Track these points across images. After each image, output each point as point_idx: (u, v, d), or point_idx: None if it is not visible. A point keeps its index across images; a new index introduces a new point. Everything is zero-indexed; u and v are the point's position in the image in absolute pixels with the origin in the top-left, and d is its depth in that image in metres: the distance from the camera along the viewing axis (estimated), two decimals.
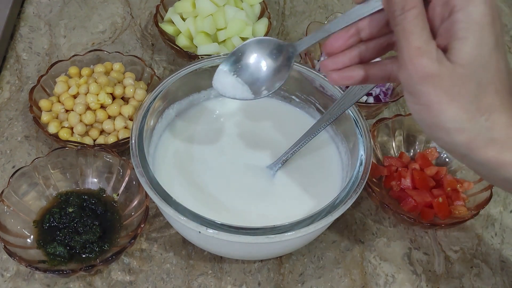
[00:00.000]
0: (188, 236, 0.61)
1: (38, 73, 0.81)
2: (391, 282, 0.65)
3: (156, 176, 0.56)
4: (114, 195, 0.67)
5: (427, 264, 0.67)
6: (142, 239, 0.66)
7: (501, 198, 0.74)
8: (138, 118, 0.61)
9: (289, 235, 0.53)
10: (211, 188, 0.62)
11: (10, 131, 0.75)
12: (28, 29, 0.88)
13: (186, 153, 0.65)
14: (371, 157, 0.60)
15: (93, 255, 0.62)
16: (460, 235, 0.70)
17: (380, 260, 0.67)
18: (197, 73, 0.66)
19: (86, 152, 0.67)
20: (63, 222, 0.63)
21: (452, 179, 0.70)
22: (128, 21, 0.91)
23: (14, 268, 0.63)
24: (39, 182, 0.66)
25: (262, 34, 0.83)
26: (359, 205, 0.71)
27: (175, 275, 0.64)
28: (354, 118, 0.62)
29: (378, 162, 0.72)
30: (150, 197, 0.56)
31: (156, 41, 0.88)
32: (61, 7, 0.92)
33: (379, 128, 0.73)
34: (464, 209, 0.67)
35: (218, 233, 0.53)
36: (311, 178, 0.64)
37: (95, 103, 0.72)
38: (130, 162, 0.59)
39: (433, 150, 0.73)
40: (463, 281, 0.66)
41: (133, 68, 0.79)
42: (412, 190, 0.68)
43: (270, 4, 0.95)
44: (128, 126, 0.72)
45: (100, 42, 0.87)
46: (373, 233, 0.69)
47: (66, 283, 0.62)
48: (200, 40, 0.80)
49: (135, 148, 0.58)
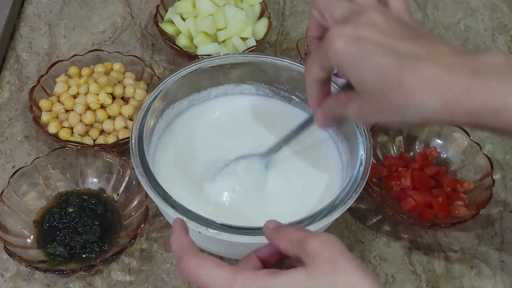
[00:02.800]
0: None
1: (38, 73, 0.81)
2: (391, 282, 0.65)
3: (156, 176, 0.56)
4: (114, 195, 0.67)
5: (427, 264, 0.67)
6: (142, 239, 0.66)
7: (501, 198, 0.74)
8: (138, 118, 0.61)
9: None
10: (211, 188, 0.62)
11: (10, 131, 0.75)
12: (28, 29, 0.88)
13: (186, 153, 0.65)
14: (371, 157, 0.60)
15: (93, 255, 0.62)
16: (460, 235, 0.70)
17: (380, 260, 0.67)
18: (197, 73, 0.66)
19: (86, 152, 0.67)
20: (63, 222, 0.63)
21: (452, 179, 0.70)
22: (128, 21, 0.91)
23: (14, 268, 0.63)
24: (39, 182, 0.66)
25: (262, 34, 0.83)
26: (359, 205, 0.71)
27: (175, 275, 0.64)
28: None
29: (378, 162, 0.72)
30: (150, 197, 0.56)
31: (156, 41, 0.88)
32: (61, 7, 0.92)
33: (379, 128, 0.73)
34: (464, 209, 0.67)
35: (218, 233, 0.53)
36: (311, 178, 0.64)
37: (95, 103, 0.72)
38: (130, 162, 0.59)
39: (433, 150, 0.73)
40: (463, 281, 0.66)
41: (133, 68, 0.79)
42: (412, 190, 0.68)
43: (270, 4, 0.95)
44: (128, 126, 0.72)
45: (100, 42, 0.87)
46: (373, 233, 0.69)
47: (66, 283, 0.62)
48: (200, 40, 0.80)
49: (135, 148, 0.58)
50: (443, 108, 0.41)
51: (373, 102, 0.45)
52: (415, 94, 0.42)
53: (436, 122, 0.44)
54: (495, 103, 0.40)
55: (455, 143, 0.73)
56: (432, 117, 0.42)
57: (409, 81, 0.42)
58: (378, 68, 0.43)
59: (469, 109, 0.41)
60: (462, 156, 0.73)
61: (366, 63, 0.44)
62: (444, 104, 0.41)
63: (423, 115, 0.43)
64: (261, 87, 0.71)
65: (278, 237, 0.44)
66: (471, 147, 0.72)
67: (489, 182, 0.69)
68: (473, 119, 0.41)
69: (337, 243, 0.41)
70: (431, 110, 0.42)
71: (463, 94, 0.40)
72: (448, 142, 0.73)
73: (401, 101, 0.43)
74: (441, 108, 0.41)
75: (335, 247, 0.41)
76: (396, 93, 0.43)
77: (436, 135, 0.74)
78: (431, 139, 0.74)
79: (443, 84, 0.41)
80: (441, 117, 0.42)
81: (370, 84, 0.44)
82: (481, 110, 0.40)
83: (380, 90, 0.44)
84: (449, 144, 0.73)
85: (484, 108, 0.40)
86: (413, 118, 0.43)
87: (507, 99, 0.40)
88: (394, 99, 0.43)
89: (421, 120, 0.43)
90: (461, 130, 0.73)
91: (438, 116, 0.42)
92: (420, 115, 0.43)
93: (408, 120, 0.44)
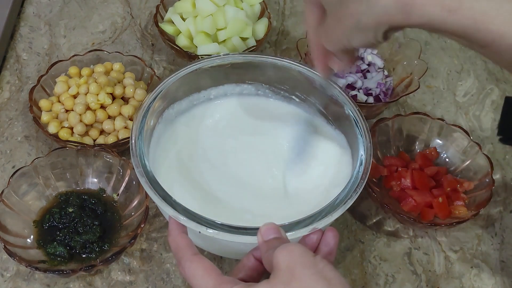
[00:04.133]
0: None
1: (38, 73, 0.81)
2: (391, 282, 0.65)
3: (156, 176, 0.56)
4: (114, 195, 0.67)
5: (427, 264, 0.67)
6: (142, 239, 0.66)
7: (501, 198, 0.74)
8: (138, 118, 0.61)
9: (289, 235, 0.52)
10: (211, 188, 0.62)
11: (10, 131, 0.75)
12: (28, 29, 0.88)
13: (186, 153, 0.65)
14: (371, 157, 0.60)
15: (93, 255, 0.62)
16: (460, 235, 0.70)
17: (380, 260, 0.67)
18: (197, 73, 0.66)
19: (86, 152, 0.67)
20: (63, 222, 0.63)
21: (452, 179, 0.70)
22: (128, 21, 0.91)
23: (14, 268, 0.63)
24: (39, 182, 0.66)
25: (262, 34, 0.83)
26: (359, 205, 0.71)
27: (175, 275, 0.64)
28: (354, 118, 0.62)
29: (378, 162, 0.72)
30: (150, 197, 0.56)
31: (156, 41, 0.88)
32: (61, 7, 0.92)
33: (379, 128, 0.73)
34: (464, 209, 0.68)
35: (218, 233, 0.52)
36: (310, 178, 0.64)
37: (95, 103, 0.72)
38: (130, 162, 0.59)
39: (433, 150, 0.73)
40: (463, 281, 0.66)
41: (133, 68, 0.79)
42: (412, 190, 0.68)
43: (270, 4, 0.95)
44: (128, 126, 0.72)
45: (100, 42, 0.87)
46: (373, 233, 0.69)
47: (66, 283, 0.62)
48: (200, 40, 0.80)
49: (135, 148, 0.58)
50: (395, 6, 0.41)
51: (334, 14, 0.46)
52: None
53: (391, 25, 0.43)
54: (449, 1, 0.40)
55: (455, 143, 0.73)
56: (384, 16, 0.42)
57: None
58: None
59: (421, 7, 0.40)
60: (462, 156, 0.73)
61: None
62: (396, 1, 0.41)
63: (375, 15, 0.42)
64: (261, 87, 0.71)
65: (262, 254, 0.46)
66: (471, 147, 0.72)
67: (489, 182, 0.69)
68: (426, 19, 0.41)
69: (297, 252, 0.42)
70: (383, 7, 0.42)
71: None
72: (448, 142, 0.73)
73: (355, 1, 0.43)
74: (393, 6, 0.41)
75: (294, 256, 0.42)
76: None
77: (436, 135, 0.74)
78: (431, 139, 0.74)
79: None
80: (394, 16, 0.42)
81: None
82: (435, 8, 0.40)
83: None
84: (449, 144, 0.73)
85: (437, 6, 0.40)
86: (366, 19, 0.43)
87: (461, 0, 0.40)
88: (349, 1, 0.44)
89: (375, 21, 0.43)
90: (461, 130, 0.73)
91: (390, 15, 0.42)
92: (372, 15, 0.42)
93: (362, 22, 0.43)
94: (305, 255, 0.42)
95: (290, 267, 0.41)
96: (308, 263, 0.41)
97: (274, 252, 0.42)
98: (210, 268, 0.45)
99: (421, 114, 0.74)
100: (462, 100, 0.85)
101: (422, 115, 0.74)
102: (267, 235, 0.47)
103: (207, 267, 0.45)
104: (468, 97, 0.86)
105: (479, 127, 0.82)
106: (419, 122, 0.74)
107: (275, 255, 0.42)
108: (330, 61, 0.55)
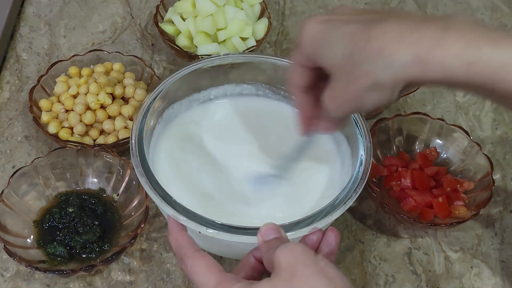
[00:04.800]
0: None
1: (38, 73, 0.81)
2: (391, 282, 0.65)
3: (156, 176, 0.56)
4: (114, 195, 0.67)
5: (427, 264, 0.67)
6: (142, 239, 0.66)
7: (501, 198, 0.74)
8: (138, 118, 0.61)
9: (289, 235, 0.52)
10: (211, 188, 0.62)
11: (10, 131, 0.75)
12: (28, 29, 0.88)
13: (186, 153, 0.65)
14: (371, 157, 0.60)
15: (93, 255, 0.62)
16: (460, 235, 0.70)
17: (380, 260, 0.67)
18: (197, 73, 0.66)
19: (86, 152, 0.67)
20: (63, 222, 0.63)
21: (452, 179, 0.70)
22: (128, 21, 0.91)
23: (14, 268, 0.63)
24: (39, 182, 0.66)
25: (262, 34, 0.83)
26: (359, 205, 0.71)
27: (175, 275, 0.64)
28: (354, 118, 0.62)
29: (378, 162, 0.72)
30: (150, 197, 0.56)
31: (156, 41, 0.88)
32: (61, 7, 0.92)
33: (379, 128, 0.73)
34: (464, 209, 0.67)
35: (218, 233, 0.52)
36: (311, 178, 0.64)
37: (95, 103, 0.72)
38: (130, 162, 0.59)
39: (433, 150, 0.73)
40: (463, 281, 0.66)
41: (133, 68, 0.79)
42: (412, 190, 0.68)
43: (270, 4, 0.95)
44: (128, 126, 0.72)
45: (100, 42, 0.87)
46: (373, 233, 0.69)
47: (66, 283, 0.62)
48: (200, 40, 0.80)
49: (135, 148, 0.58)
50: (414, 61, 0.40)
51: (344, 76, 0.44)
52: (383, 49, 0.41)
53: (409, 82, 0.42)
54: (469, 54, 0.39)
55: (455, 143, 0.73)
56: (403, 72, 0.41)
57: (376, 37, 0.41)
58: (346, 34, 0.43)
59: (441, 61, 0.39)
60: (462, 156, 0.73)
61: (335, 34, 0.44)
62: (414, 56, 0.40)
63: (393, 72, 0.41)
64: (261, 87, 0.71)
65: (262, 255, 0.46)
66: (471, 147, 0.72)
67: (489, 182, 0.69)
68: (446, 73, 0.40)
69: (298, 251, 0.42)
70: (401, 63, 0.40)
71: (434, 44, 0.39)
72: (448, 142, 0.73)
73: (369, 59, 0.41)
74: (411, 61, 0.40)
75: (296, 255, 0.42)
76: (364, 51, 0.41)
77: (436, 135, 0.74)
78: (431, 139, 0.74)
79: (412, 36, 0.40)
80: (412, 72, 0.41)
81: (339, 53, 0.43)
82: (454, 62, 0.39)
83: (349, 56, 0.42)
84: (449, 144, 0.73)
85: (457, 59, 0.39)
86: (384, 77, 0.41)
87: (481, 52, 0.39)
88: (363, 60, 0.42)
89: (393, 79, 0.42)
90: (461, 130, 0.73)
91: (409, 71, 0.41)
92: (390, 73, 0.41)
93: (379, 81, 0.42)
94: (306, 254, 0.42)
95: (291, 265, 0.41)
96: (309, 262, 0.41)
97: (275, 252, 0.42)
98: (212, 265, 0.45)
99: (421, 114, 0.74)
100: (462, 100, 0.85)
101: (422, 115, 0.74)
102: (267, 235, 0.47)
103: (210, 264, 0.45)
104: (468, 97, 0.86)
105: (479, 127, 0.82)
106: (419, 122, 0.74)
107: (276, 254, 0.42)
108: (317, 124, 0.54)
